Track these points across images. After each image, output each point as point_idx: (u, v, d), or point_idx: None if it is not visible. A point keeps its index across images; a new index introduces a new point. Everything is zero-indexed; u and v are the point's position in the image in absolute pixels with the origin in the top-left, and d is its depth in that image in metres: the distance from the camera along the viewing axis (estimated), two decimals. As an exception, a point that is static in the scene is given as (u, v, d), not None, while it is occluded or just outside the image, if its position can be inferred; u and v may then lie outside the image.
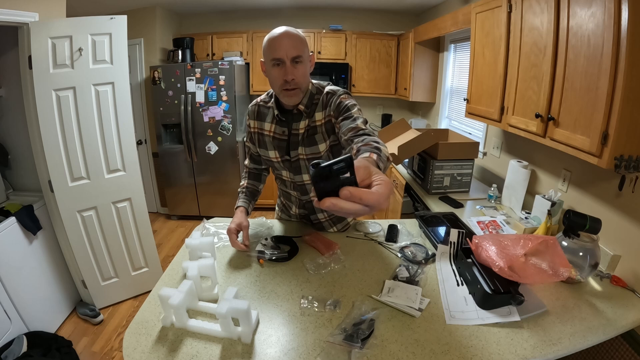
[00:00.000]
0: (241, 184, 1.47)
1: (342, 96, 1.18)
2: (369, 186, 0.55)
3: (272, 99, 1.27)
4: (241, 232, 1.29)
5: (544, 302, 1.05)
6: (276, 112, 1.24)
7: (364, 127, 1.05)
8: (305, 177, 1.31)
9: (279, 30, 1.11)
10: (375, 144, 0.90)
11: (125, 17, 2.10)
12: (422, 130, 2.26)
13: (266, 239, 1.35)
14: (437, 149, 2.08)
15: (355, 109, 1.14)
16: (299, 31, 1.14)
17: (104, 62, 2.08)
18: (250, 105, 1.35)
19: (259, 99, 1.35)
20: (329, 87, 1.23)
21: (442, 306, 1.04)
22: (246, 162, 1.50)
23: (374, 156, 0.80)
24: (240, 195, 1.42)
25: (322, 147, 1.23)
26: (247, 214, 1.36)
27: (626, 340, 1.19)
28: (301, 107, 1.20)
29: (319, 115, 1.21)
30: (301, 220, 1.53)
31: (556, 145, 1.31)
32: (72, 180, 2.09)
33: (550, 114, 1.32)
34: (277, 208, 1.64)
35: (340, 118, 1.13)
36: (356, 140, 0.97)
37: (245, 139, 1.46)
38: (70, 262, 2.28)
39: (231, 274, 1.19)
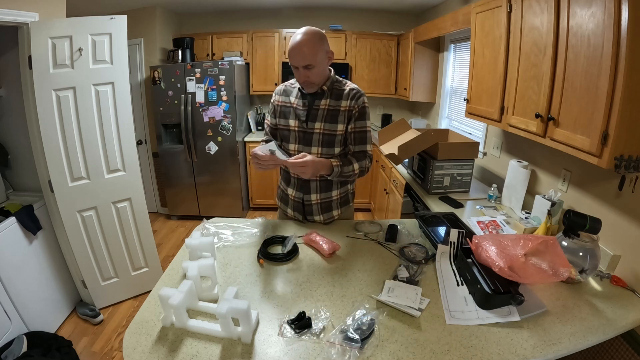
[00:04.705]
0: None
1: (365, 102, 1.43)
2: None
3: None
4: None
5: (544, 302, 1.06)
6: (299, 86, 1.45)
7: (366, 150, 1.46)
8: (314, 150, 1.45)
9: (295, 38, 1.29)
10: (350, 164, 1.41)
11: (125, 17, 2.10)
12: (422, 130, 2.26)
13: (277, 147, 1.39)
14: (437, 149, 2.08)
15: (369, 123, 1.45)
16: (315, 34, 1.30)
17: (104, 62, 2.08)
18: (277, 87, 1.56)
19: (287, 82, 1.56)
20: (351, 84, 1.46)
21: (442, 306, 1.04)
22: (262, 139, 1.61)
23: (335, 163, 1.38)
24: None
25: (341, 127, 1.43)
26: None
27: (626, 340, 1.19)
28: (324, 87, 1.41)
29: (344, 103, 1.41)
30: (295, 212, 1.57)
31: (556, 145, 1.31)
32: (72, 180, 2.09)
33: (550, 114, 1.32)
34: (277, 198, 1.69)
35: (358, 127, 1.43)
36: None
37: (265, 116, 1.70)
38: (70, 262, 2.27)
39: (231, 274, 1.19)
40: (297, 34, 1.30)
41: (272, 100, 1.55)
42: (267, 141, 1.56)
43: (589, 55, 1.12)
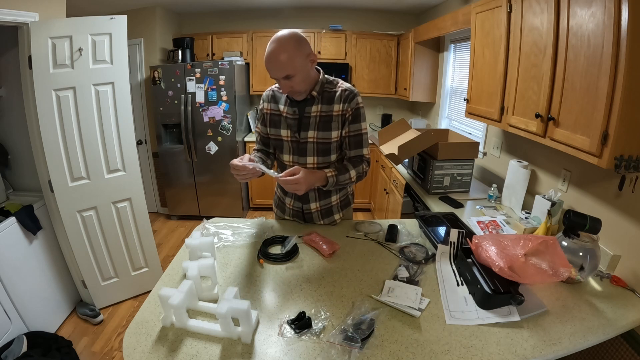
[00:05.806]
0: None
1: (359, 103, 1.34)
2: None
3: None
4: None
5: (544, 302, 1.06)
6: (286, 94, 1.34)
7: (363, 155, 1.38)
8: (309, 160, 1.38)
9: (268, 49, 1.18)
10: (346, 171, 1.33)
11: (125, 17, 2.10)
12: (422, 130, 2.26)
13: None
14: (437, 149, 2.08)
15: (364, 124, 1.37)
16: (290, 39, 1.17)
17: (104, 62, 2.08)
18: (265, 92, 1.46)
19: (273, 86, 1.45)
20: (343, 84, 1.36)
21: (442, 306, 1.04)
22: (255, 147, 1.56)
23: (330, 173, 1.29)
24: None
25: (335, 134, 1.35)
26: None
27: (626, 340, 1.19)
28: (314, 93, 1.31)
29: (336, 107, 1.32)
30: (294, 219, 1.56)
31: (556, 145, 1.31)
32: (72, 180, 2.08)
33: (550, 114, 1.32)
34: (273, 204, 1.67)
35: (352, 131, 1.35)
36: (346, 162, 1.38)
37: (255, 124, 1.57)
38: (70, 262, 2.27)
39: (231, 274, 1.19)
40: (270, 43, 1.17)
41: (260, 107, 1.47)
42: (259, 150, 1.52)
43: (589, 55, 1.12)
